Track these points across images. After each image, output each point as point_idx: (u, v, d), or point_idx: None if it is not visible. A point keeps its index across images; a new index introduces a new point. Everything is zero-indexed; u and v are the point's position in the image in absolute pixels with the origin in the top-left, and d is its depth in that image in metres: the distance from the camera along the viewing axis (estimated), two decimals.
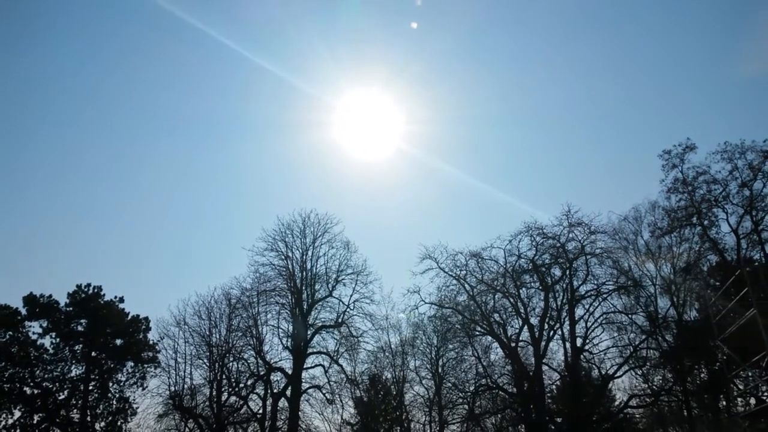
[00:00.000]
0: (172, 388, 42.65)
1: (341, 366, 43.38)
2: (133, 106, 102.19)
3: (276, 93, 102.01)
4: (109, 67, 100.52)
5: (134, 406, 49.25)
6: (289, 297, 43.91)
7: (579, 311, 41.54)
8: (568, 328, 41.17)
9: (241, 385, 43.47)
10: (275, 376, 43.30)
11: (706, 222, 40.50)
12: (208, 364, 43.38)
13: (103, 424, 48.65)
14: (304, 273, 44.39)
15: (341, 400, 43.09)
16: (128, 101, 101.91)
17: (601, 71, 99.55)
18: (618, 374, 40.72)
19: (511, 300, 42.88)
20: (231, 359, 43.75)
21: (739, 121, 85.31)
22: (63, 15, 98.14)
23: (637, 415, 44.51)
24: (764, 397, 35.82)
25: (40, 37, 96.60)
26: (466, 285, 43.39)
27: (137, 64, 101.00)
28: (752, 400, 37.58)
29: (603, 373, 41.30)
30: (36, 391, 47.19)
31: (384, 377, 47.82)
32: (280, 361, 43.41)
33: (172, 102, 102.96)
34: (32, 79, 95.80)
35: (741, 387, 38.04)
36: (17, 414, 46.11)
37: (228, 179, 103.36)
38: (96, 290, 51.36)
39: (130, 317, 51.65)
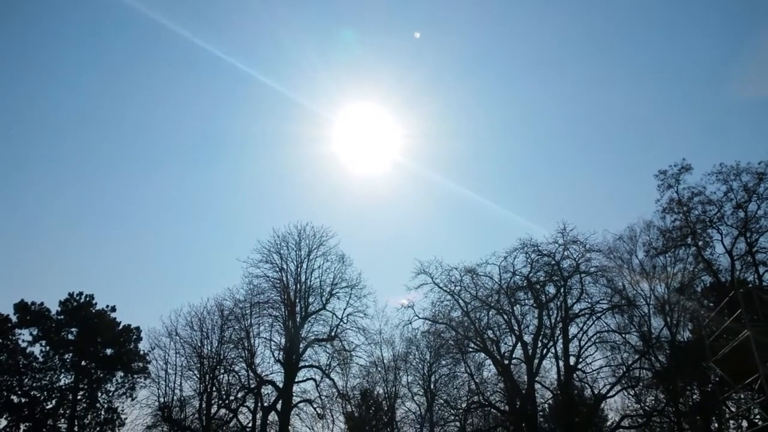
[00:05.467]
0: (162, 400, 42.36)
1: (333, 380, 43.14)
2: (132, 118, 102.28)
3: (274, 107, 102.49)
4: (108, 81, 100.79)
5: (122, 416, 48.82)
6: (282, 309, 43.68)
7: (573, 330, 41.51)
8: (562, 346, 41.08)
9: (231, 397, 43.14)
10: (266, 390, 42.99)
11: (700, 243, 40.64)
12: (198, 375, 43.09)
13: None
14: (298, 285, 44.24)
15: (332, 415, 42.73)
16: (127, 114, 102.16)
17: (598, 89, 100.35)
18: (610, 394, 40.57)
19: (505, 317, 42.78)
20: (222, 371, 43.47)
21: (734, 142, 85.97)
22: (63, 26, 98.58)
23: None
24: (756, 420, 35.63)
25: (42, 49, 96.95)
26: (461, 301, 43.34)
27: (136, 78, 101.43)
28: (744, 423, 37.44)
29: (596, 392, 41.12)
30: (23, 400, 46.66)
31: (376, 392, 47.48)
32: (271, 374, 43.16)
33: (170, 115, 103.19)
34: (34, 90, 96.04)
35: (733, 409, 37.81)
36: (3, 422, 45.61)
37: (224, 191, 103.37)
38: (88, 299, 51.05)
39: (121, 327, 51.30)
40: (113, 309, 51.70)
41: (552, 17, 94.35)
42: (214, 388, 42.77)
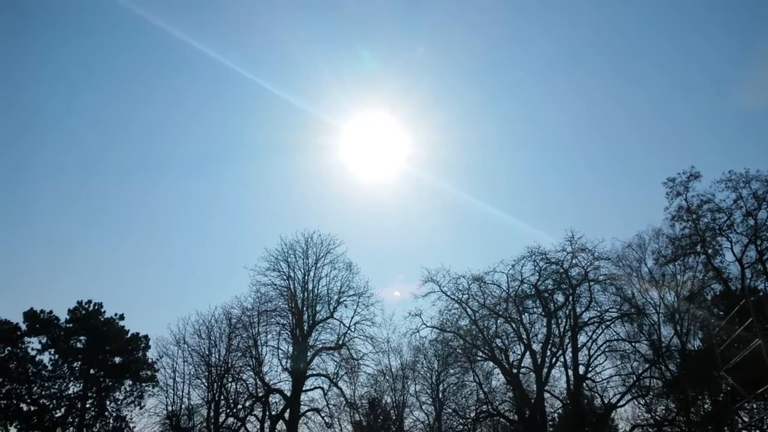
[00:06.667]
0: (170, 408, 42.41)
1: (341, 389, 43.03)
2: (141, 127, 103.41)
3: (283, 116, 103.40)
4: (117, 89, 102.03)
5: (131, 425, 48.78)
6: (290, 318, 43.67)
7: (582, 338, 41.27)
8: (571, 355, 40.82)
9: (239, 406, 43.07)
10: (274, 398, 42.92)
11: (710, 251, 40.33)
12: (206, 384, 43.09)
13: None
14: (306, 294, 44.22)
15: (340, 424, 42.70)
16: (136, 123, 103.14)
17: (606, 98, 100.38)
18: (621, 403, 40.27)
19: (514, 325, 42.61)
20: (230, 380, 43.44)
21: (743, 149, 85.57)
22: (74, 34, 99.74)
23: None
24: None
25: (49, 58, 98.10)
26: (468, 309, 43.20)
27: (145, 87, 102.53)
28: None
29: (605, 401, 40.80)
30: (33, 408, 46.79)
31: (384, 401, 47.28)
32: (279, 382, 43.09)
33: (180, 124, 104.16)
34: (42, 98, 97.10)
35: (746, 419, 37.40)
36: (13, 431, 45.73)
37: (233, 199, 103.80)
38: (96, 307, 51.20)
39: (129, 335, 51.38)
40: (122, 317, 51.87)
41: (558, 26, 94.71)
42: (222, 397, 42.74)
